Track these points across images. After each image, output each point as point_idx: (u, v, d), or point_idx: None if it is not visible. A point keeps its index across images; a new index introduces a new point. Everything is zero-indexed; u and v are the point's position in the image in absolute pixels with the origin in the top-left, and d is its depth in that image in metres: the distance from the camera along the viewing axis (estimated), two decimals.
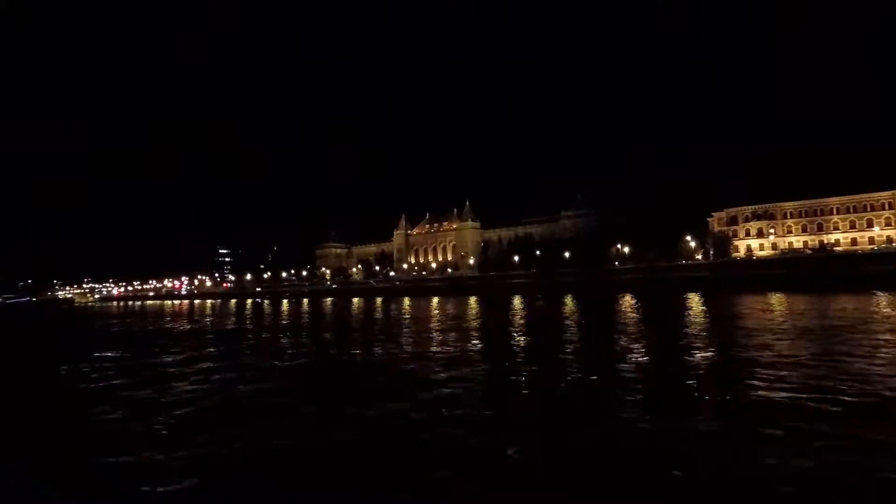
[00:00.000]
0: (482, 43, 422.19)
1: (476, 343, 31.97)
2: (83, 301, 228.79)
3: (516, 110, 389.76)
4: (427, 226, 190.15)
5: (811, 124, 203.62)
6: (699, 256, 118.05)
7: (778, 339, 26.04)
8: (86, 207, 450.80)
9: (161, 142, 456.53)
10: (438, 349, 29.01)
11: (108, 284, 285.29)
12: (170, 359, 29.78)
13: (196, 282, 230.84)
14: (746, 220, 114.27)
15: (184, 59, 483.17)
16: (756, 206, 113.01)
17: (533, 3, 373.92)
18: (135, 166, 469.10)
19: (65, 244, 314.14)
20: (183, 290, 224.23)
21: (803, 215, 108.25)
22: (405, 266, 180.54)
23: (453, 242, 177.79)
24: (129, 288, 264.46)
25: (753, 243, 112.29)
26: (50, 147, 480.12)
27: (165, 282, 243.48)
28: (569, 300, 72.22)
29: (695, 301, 59.32)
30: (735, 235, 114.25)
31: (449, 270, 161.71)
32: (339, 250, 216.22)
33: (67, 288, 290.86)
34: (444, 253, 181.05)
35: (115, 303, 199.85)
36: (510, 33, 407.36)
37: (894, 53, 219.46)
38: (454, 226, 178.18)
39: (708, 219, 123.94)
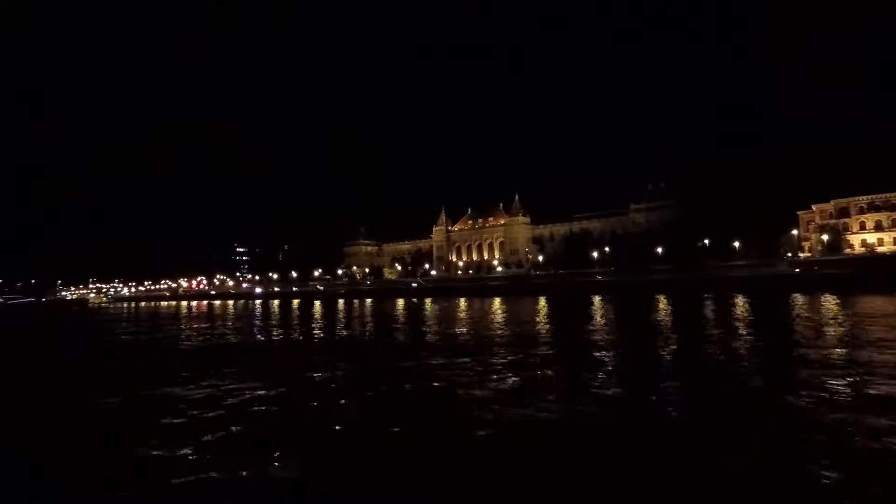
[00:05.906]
0: (482, 43, 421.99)
1: None
2: (97, 301, 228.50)
3: (518, 111, 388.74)
4: (470, 221, 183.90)
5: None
6: (803, 254, 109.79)
7: None
8: (86, 207, 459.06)
9: (161, 141, 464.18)
10: None
11: (115, 284, 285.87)
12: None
13: (216, 281, 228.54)
14: (861, 211, 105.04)
15: (184, 59, 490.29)
16: (873, 196, 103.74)
17: (533, 3, 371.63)
18: (135, 166, 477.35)
19: (65, 244, 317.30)
20: (215, 289, 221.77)
21: None
22: (459, 263, 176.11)
23: (501, 239, 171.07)
24: (141, 288, 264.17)
25: (870, 238, 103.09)
26: (50, 147, 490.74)
27: (181, 281, 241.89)
28: (661, 300, 65.10)
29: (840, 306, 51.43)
30: (846, 229, 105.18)
31: (500, 269, 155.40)
32: (369, 248, 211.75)
33: (72, 288, 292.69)
34: (491, 250, 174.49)
35: (124, 304, 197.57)
36: (510, 33, 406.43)
37: None
38: (502, 221, 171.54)
39: (798, 212, 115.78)
